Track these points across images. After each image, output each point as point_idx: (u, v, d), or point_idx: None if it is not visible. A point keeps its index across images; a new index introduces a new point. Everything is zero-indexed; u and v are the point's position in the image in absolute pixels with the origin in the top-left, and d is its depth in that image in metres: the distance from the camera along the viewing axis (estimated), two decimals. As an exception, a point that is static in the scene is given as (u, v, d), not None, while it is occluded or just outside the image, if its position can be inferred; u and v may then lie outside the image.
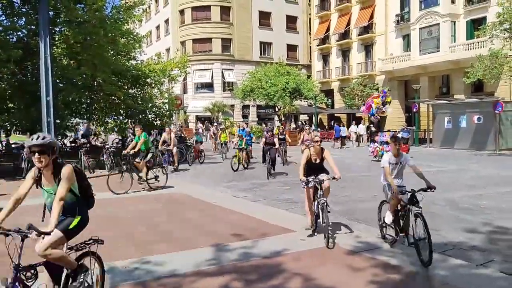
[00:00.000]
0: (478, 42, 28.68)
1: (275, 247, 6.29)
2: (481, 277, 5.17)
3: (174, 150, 16.77)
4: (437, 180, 13.36)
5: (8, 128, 19.44)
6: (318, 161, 7.00)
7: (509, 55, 20.37)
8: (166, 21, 52.41)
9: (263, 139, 16.54)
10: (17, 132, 20.71)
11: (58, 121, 16.13)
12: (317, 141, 6.96)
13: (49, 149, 3.71)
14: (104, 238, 4.09)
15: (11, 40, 16.66)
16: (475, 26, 30.40)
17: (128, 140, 19.60)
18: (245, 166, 17.12)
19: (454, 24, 32.20)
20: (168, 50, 49.73)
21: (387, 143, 19.63)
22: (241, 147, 16.79)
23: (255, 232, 7.19)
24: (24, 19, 16.94)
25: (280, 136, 17.87)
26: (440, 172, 15.09)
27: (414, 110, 30.02)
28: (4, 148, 18.62)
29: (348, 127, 34.85)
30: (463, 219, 8.14)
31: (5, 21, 17.10)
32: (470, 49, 29.29)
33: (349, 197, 10.58)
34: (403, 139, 19.91)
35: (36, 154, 3.65)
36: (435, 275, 5.22)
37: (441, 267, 5.44)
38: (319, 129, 21.89)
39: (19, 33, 17.15)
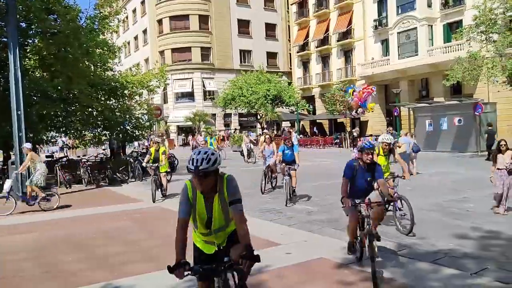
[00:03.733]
0: (455, 45, 28.97)
1: (256, 263, 5.89)
2: (476, 287, 4.90)
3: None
4: (422, 184, 13.26)
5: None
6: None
7: (487, 57, 20.50)
8: (144, 31, 51.90)
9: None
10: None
11: (31, 135, 15.54)
12: None
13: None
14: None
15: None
16: (452, 29, 30.74)
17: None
18: None
19: (431, 27, 32.51)
20: (147, 60, 49.19)
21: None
22: None
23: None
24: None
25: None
26: (425, 176, 14.95)
27: (395, 114, 30.09)
28: None
29: (330, 134, 34.72)
30: (452, 225, 7.91)
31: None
32: (448, 52, 29.56)
33: (334, 205, 10.25)
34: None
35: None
36: (429, 288, 4.93)
37: (434, 279, 5.14)
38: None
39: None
